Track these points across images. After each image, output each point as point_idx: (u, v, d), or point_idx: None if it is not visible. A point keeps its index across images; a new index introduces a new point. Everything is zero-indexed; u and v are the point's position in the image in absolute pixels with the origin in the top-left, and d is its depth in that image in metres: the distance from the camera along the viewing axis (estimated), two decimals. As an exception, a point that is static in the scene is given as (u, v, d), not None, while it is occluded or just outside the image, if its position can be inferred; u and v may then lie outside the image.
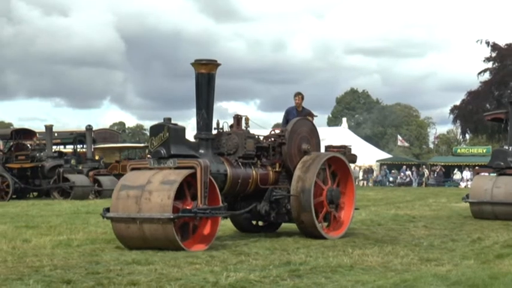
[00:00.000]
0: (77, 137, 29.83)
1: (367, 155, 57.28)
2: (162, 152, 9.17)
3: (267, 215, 10.61)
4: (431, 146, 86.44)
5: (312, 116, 12.15)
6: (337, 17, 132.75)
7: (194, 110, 10.08)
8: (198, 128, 9.87)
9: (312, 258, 8.10)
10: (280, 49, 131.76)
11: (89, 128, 27.61)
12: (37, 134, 28.85)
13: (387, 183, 51.91)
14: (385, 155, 62.14)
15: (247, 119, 10.66)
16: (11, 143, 27.17)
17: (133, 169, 9.48)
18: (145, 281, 6.37)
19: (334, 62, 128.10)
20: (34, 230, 11.16)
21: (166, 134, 9.21)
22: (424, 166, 55.12)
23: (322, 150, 11.64)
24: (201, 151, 9.70)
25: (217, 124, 10.48)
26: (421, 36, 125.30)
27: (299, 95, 12.19)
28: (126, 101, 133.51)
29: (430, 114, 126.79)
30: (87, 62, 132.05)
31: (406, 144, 71.02)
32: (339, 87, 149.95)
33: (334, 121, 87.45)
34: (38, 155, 25.88)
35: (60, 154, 27.62)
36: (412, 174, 52.05)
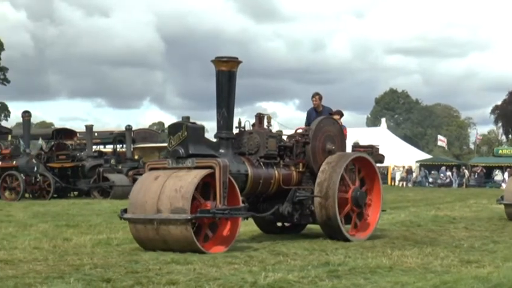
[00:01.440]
0: (117, 137, 30.10)
1: (407, 156, 56.90)
2: (180, 151, 9.00)
3: (290, 216, 10.35)
4: (471, 146, 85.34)
5: (335, 114, 11.97)
6: (377, 16, 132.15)
7: (234, 110, 10.01)
8: (219, 127, 9.63)
9: (350, 259, 8.05)
10: (319, 49, 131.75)
11: (129, 128, 27.85)
12: (77, 134, 29.22)
13: (427, 184, 51.40)
14: (424, 156, 61.55)
15: (269, 118, 10.45)
16: (52, 143, 27.55)
17: (151, 169, 9.30)
18: (184, 281, 6.39)
19: (373, 62, 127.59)
20: (74, 229, 11.29)
21: (185, 133, 9.03)
22: (464, 167, 54.44)
23: (349, 150, 11.36)
24: (221, 151, 9.49)
25: (239, 123, 10.24)
26: (463, 36, 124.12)
27: (316, 96, 11.98)
28: (165, 101, 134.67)
29: (470, 114, 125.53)
30: (128, 62, 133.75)
31: (444, 144, 70.12)
32: (378, 87, 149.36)
33: (373, 121, 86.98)
34: (78, 154, 26.21)
35: (100, 154, 27.94)
36: (452, 175, 51.47)
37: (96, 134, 31.35)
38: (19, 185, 22.75)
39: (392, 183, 53.56)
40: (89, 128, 27.29)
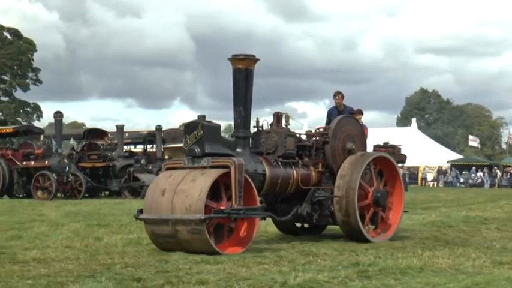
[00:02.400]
0: (147, 137, 30.29)
1: (437, 156, 56.48)
2: (196, 150, 8.86)
3: (309, 216, 10.13)
4: (504, 146, 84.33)
5: (356, 113, 11.85)
6: (408, 15, 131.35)
7: (263, 110, 9.97)
8: (236, 126, 9.45)
9: (381, 259, 8.00)
10: (350, 48, 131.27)
11: (159, 128, 28.01)
12: (108, 134, 29.47)
13: (458, 184, 50.94)
14: (455, 156, 61.01)
15: (287, 117, 10.18)
16: (84, 143, 27.82)
17: (168, 168, 9.19)
18: (214, 280, 6.40)
19: (404, 61, 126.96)
20: (105, 229, 11.37)
21: (201, 132, 8.89)
22: (496, 167, 53.83)
23: (369, 149, 11.10)
24: (238, 150, 9.31)
25: (257, 122, 10.06)
26: (496, 34, 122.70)
27: (339, 95, 11.81)
28: (195, 101, 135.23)
29: (503, 114, 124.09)
30: (159, 63, 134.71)
31: (477, 145, 69.34)
32: (409, 87, 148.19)
33: (403, 121, 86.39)
34: (109, 154, 26.44)
35: (131, 154, 28.15)
36: (483, 175, 50.93)
37: (126, 134, 31.57)
38: (51, 185, 23.01)
39: (423, 184, 53.18)
40: (120, 128, 27.50)
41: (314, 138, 10.46)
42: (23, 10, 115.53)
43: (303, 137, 10.54)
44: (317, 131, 10.65)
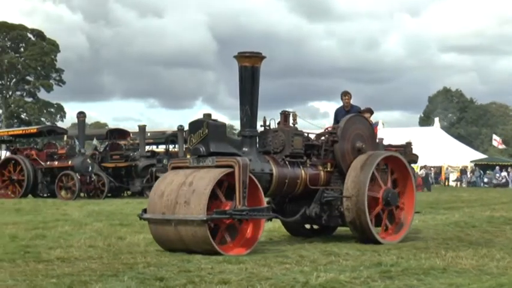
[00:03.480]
0: (169, 137, 30.38)
1: (461, 156, 56.03)
2: (201, 149, 8.71)
3: (317, 217, 9.88)
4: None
5: (365, 112, 11.71)
6: (432, 13, 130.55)
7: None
8: (242, 125, 9.26)
9: (403, 259, 7.96)
10: (372, 47, 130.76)
11: (181, 128, 28.07)
12: (131, 134, 29.61)
13: (481, 184, 50.52)
14: (479, 156, 60.48)
15: (294, 115, 9.96)
16: (106, 143, 27.98)
17: (174, 168, 9.07)
18: (236, 280, 6.41)
19: (427, 60, 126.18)
20: (128, 228, 11.43)
21: (206, 131, 8.71)
22: (521, 167, 53.30)
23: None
24: (245, 149, 9.11)
25: (264, 121, 9.84)
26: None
27: (347, 94, 11.64)
28: (217, 101, 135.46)
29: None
30: (181, 63, 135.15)
31: (503, 147, 68.65)
32: (432, 86, 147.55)
33: (426, 121, 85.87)
34: (131, 154, 26.56)
35: (153, 154, 28.25)
36: (508, 175, 50.46)
37: (148, 134, 31.68)
38: (74, 185, 23.18)
39: (446, 184, 52.82)
40: (142, 128, 27.61)
41: (323, 138, 10.29)
42: (47, 11, 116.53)
43: (312, 136, 10.36)
44: (326, 130, 10.47)
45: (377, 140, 11.18)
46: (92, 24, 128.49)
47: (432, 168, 49.31)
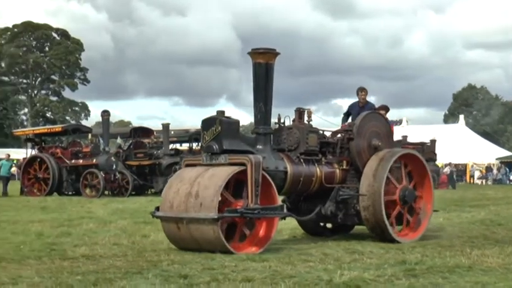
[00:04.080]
0: (193, 135, 30.45)
1: (486, 153, 55.49)
2: (214, 147, 8.59)
3: (333, 216, 9.74)
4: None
5: (381, 109, 11.58)
6: (457, 10, 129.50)
7: (310, 108, 9.77)
8: (256, 122, 9.11)
9: (428, 257, 7.91)
10: (396, 45, 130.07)
11: (204, 127, 28.10)
12: (154, 132, 29.73)
13: (507, 181, 50.03)
14: (505, 153, 59.86)
15: (309, 112, 9.78)
16: (130, 141, 28.13)
17: (187, 165, 9.00)
18: (260, 278, 6.41)
19: (452, 57, 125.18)
20: (152, 226, 11.46)
21: (219, 128, 8.60)
22: (547, 164, 52.73)
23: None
24: (259, 147, 8.98)
25: (279, 118, 9.70)
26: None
27: (364, 91, 11.49)
28: (241, 99, 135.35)
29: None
30: (204, 61, 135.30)
31: None
32: (457, 83, 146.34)
33: (451, 118, 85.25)
34: (155, 152, 26.67)
35: (177, 152, 28.34)
36: (534, 172, 49.94)
37: (172, 133, 31.78)
38: (99, 183, 23.37)
39: (471, 181, 52.40)
40: (166, 126, 27.70)
41: (339, 135, 10.16)
42: (72, 11, 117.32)
43: (327, 133, 10.23)
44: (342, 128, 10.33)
45: (401, 138, 11.10)
46: (116, 23, 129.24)
47: (456, 166, 48.94)
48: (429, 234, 10.65)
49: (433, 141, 33.76)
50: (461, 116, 69.53)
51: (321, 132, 10.03)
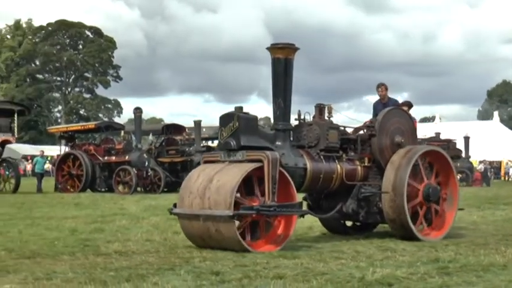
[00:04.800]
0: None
1: (521, 150, 54.74)
2: (231, 143, 8.47)
3: (354, 214, 9.57)
4: None
5: (404, 105, 11.39)
6: (492, 4, 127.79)
7: (340, 105, 9.71)
8: (275, 118, 8.94)
9: (461, 256, 7.82)
10: (430, 41, 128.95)
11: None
12: (186, 129, 29.86)
13: (543, 179, 49.33)
14: (541, 150, 58.99)
15: (330, 108, 9.56)
16: (162, 138, 28.28)
17: (206, 162, 8.89)
18: (292, 275, 6.40)
19: (487, 53, 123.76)
20: (184, 222, 11.52)
21: (236, 124, 8.47)
22: None
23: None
24: (278, 143, 8.80)
25: (299, 115, 9.50)
26: None
27: (382, 86, 11.22)
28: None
29: None
30: (236, 58, 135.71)
31: None
32: (491, 79, 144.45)
33: (485, 115, 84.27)
34: (187, 149, 26.78)
35: (208, 149, 28.39)
36: None
37: (204, 129, 31.90)
38: (131, 179, 23.54)
39: (506, 179, 51.73)
40: (197, 123, 27.80)
41: (361, 132, 9.98)
42: (105, 9, 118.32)
43: (349, 130, 10.05)
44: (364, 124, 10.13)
45: (433, 134, 10.97)
46: (148, 21, 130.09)
47: (491, 163, 48.35)
48: (463, 232, 10.55)
49: (467, 138, 33.44)
50: (496, 113, 68.74)
51: (342, 128, 9.85)
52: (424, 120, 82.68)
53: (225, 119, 8.71)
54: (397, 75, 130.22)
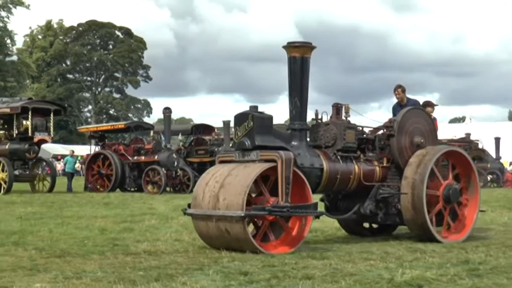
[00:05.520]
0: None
1: (553, 151, 53.97)
2: (246, 143, 8.36)
3: (373, 215, 9.39)
4: None
5: (426, 105, 11.18)
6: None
7: (369, 105, 9.62)
8: (291, 118, 8.82)
9: (492, 257, 7.74)
10: (460, 40, 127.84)
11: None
12: (215, 129, 29.94)
13: None
14: None
15: (347, 108, 9.43)
16: (191, 138, 28.39)
17: (221, 162, 8.79)
18: (320, 275, 6.39)
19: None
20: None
21: (251, 123, 8.36)
22: None
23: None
24: (294, 143, 8.69)
25: (316, 114, 9.37)
26: None
27: (399, 89, 11.09)
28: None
29: None
30: (266, 58, 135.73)
31: None
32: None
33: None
34: (216, 149, 26.84)
35: (237, 149, 28.44)
36: None
37: (233, 130, 31.95)
38: (161, 179, 23.68)
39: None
40: (226, 123, 27.85)
41: (380, 132, 9.82)
42: (135, 9, 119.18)
43: (367, 130, 9.88)
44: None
45: (464, 135, 10.84)
46: (178, 21, 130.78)
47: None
48: (493, 233, 10.45)
49: (497, 139, 33.05)
50: (527, 113, 67.77)
51: (360, 128, 9.71)
52: (454, 120, 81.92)
53: (239, 118, 8.60)
54: (427, 76, 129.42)
